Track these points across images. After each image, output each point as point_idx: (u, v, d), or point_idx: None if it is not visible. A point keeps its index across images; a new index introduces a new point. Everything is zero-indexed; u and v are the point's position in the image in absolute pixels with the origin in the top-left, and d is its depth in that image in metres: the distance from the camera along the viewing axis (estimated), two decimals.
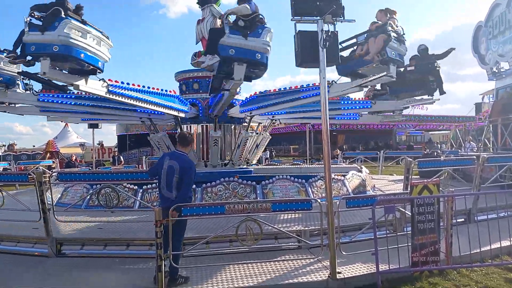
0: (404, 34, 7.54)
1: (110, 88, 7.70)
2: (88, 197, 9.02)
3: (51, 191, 7.06)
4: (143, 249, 6.39)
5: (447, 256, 5.63)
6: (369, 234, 6.01)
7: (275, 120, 13.16)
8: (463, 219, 7.61)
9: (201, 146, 11.73)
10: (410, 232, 5.48)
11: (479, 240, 5.71)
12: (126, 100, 8.33)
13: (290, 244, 6.48)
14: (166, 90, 9.92)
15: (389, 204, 5.55)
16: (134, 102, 8.63)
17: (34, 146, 40.60)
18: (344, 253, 5.61)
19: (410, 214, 5.55)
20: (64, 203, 9.37)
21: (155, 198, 8.97)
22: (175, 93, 10.54)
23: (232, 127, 12.25)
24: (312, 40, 5.25)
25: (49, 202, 6.72)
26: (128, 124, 27.35)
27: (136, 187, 9.19)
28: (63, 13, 6.27)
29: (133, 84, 8.59)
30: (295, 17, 5.32)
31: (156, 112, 10.79)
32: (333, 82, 8.52)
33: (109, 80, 7.70)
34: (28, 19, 6.25)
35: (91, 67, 6.81)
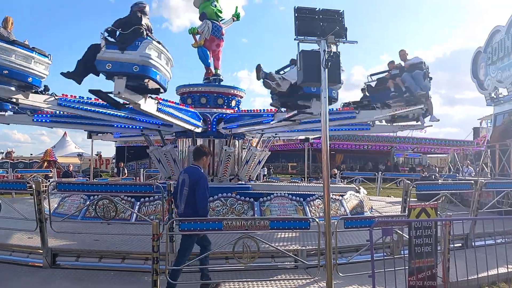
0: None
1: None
2: (85, 208, 8.99)
3: (48, 201, 7.03)
4: (139, 263, 6.36)
5: (444, 280, 5.60)
6: (366, 256, 5.98)
7: (275, 136, 13.23)
8: (460, 244, 7.59)
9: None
10: (408, 255, 5.46)
11: (477, 266, 5.68)
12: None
13: (287, 263, 6.45)
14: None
15: (387, 226, 5.54)
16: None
17: (31, 154, 40.63)
18: (341, 274, 5.58)
19: (407, 237, 5.54)
20: (61, 213, 9.34)
21: (152, 212, 8.95)
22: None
23: (238, 142, 12.26)
24: (314, 60, 5.33)
25: (46, 212, 6.69)
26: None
27: (133, 199, 9.18)
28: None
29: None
30: (298, 37, 5.42)
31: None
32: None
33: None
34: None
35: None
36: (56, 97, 8.72)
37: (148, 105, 7.23)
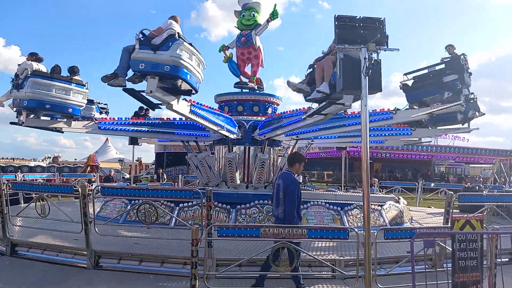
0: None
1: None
2: (127, 212, 9.27)
3: (93, 204, 7.32)
4: (177, 267, 6.47)
5: None
6: (407, 268, 5.82)
7: (311, 143, 13.11)
8: (508, 259, 7.24)
9: (243, 168, 11.77)
10: (451, 268, 5.27)
11: None
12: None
13: (324, 273, 6.37)
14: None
15: (429, 238, 5.38)
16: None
17: (75, 159, 42.40)
18: (380, 286, 5.46)
19: (450, 249, 5.35)
20: (103, 216, 9.65)
21: (191, 217, 9.11)
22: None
23: (273, 149, 12.24)
24: (354, 67, 5.29)
25: (90, 215, 6.95)
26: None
27: (173, 204, 9.38)
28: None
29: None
30: (339, 45, 5.40)
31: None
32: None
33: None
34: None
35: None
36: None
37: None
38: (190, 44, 6.66)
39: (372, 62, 5.22)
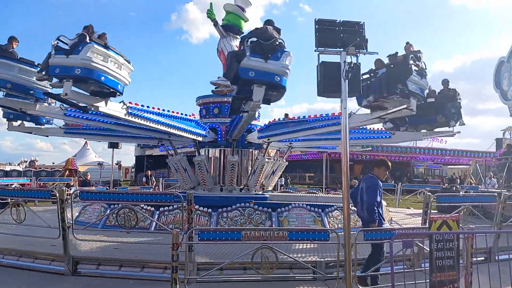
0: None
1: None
2: (106, 216, 9.13)
3: (71, 209, 7.18)
4: (158, 271, 6.40)
5: None
6: (386, 268, 5.89)
7: (292, 147, 13.19)
8: (483, 258, 7.41)
9: (218, 170, 11.77)
10: (428, 268, 5.36)
11: (500, 281, 5.53)
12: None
13: (305, 275, 6.40)
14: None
15: (408, 239, 5.46)
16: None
17: (53, 163, 41.48)
18: (360, 287, 5.51)
19: (428, 249, 5.45)
20: (82, 221, 9.49)
21: (172, 221, 9.03)
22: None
23: (250, 152, 12.26)
24: (334, 71, 5.35)
25: (68, 220, 6.82)
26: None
27: (153, 208, 9.28)
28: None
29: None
30: (318, 48, 5.45)
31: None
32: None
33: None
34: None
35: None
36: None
37: (113, 108, 7.44)
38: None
39: (352, 65, 5.29)
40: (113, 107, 7.46)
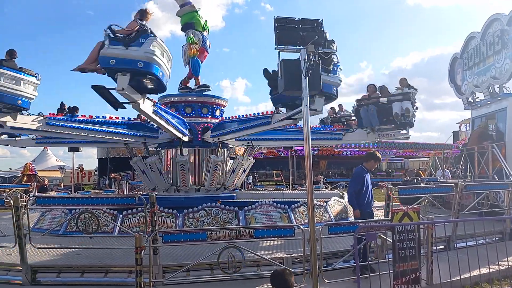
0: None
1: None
2: (66, 222, 8.81)
3: (27, 216, 6.86)
4: (122, 276, 6.23)
5: (428, 283, 5.66)
6: (352, 262, 6.01)
7: (252, 146, 13.12)
8: (443, 246, 7.68)
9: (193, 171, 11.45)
10: (392, 259, 5.51)
11: (459, 267, 5.76)
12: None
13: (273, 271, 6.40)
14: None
15: (371, 231, 5.58)
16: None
17: (10, 169, 39.71)
18: (326, 280, 5.58)
19: (391, 241, 5.59)
20: (41, 228, 9.12)
21: (136, 224, 8.83)
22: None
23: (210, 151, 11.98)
24: (295, 68, 5.38)
25: (25, 228, 6.51)
26: (109, 148, 27.01)
27: (116, 212, 9.04)
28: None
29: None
30: (278, 46, 5.47)
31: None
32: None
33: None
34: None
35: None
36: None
37: (146, 105, 7.30)
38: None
39: (312, 63, 5.33)
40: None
